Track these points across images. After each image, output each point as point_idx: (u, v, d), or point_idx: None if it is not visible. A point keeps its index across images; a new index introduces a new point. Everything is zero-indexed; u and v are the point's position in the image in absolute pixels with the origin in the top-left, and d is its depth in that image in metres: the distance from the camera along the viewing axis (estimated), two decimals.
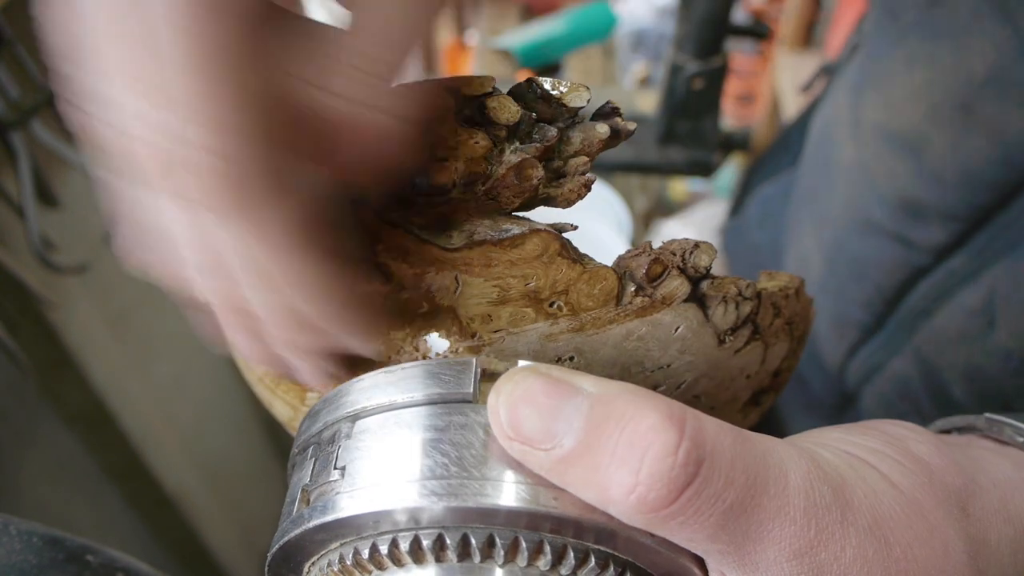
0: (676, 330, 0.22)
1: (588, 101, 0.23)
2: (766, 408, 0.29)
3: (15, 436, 0.66)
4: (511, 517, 0.19)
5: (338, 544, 0.21)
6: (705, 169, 0.86)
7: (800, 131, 0.71)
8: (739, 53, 1.90)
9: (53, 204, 0.70)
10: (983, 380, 0.43)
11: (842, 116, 0.54)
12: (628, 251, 0.23)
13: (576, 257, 0.22)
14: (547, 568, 0.20)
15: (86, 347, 0.72)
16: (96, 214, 0.75)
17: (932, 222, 0.45)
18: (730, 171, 1.83)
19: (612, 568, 0.20)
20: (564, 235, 0.23)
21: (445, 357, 0.23)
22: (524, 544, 0.19)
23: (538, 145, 0.22)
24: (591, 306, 0.22)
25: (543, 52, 1.35)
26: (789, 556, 0.18)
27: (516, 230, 0.22)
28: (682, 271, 0.22)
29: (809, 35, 1.57)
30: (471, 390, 0.20)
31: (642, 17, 2.00)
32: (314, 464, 0.22)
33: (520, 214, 0.23)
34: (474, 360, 0.21)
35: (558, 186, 0.23)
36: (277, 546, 0.21)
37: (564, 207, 0.23)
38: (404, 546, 0.20)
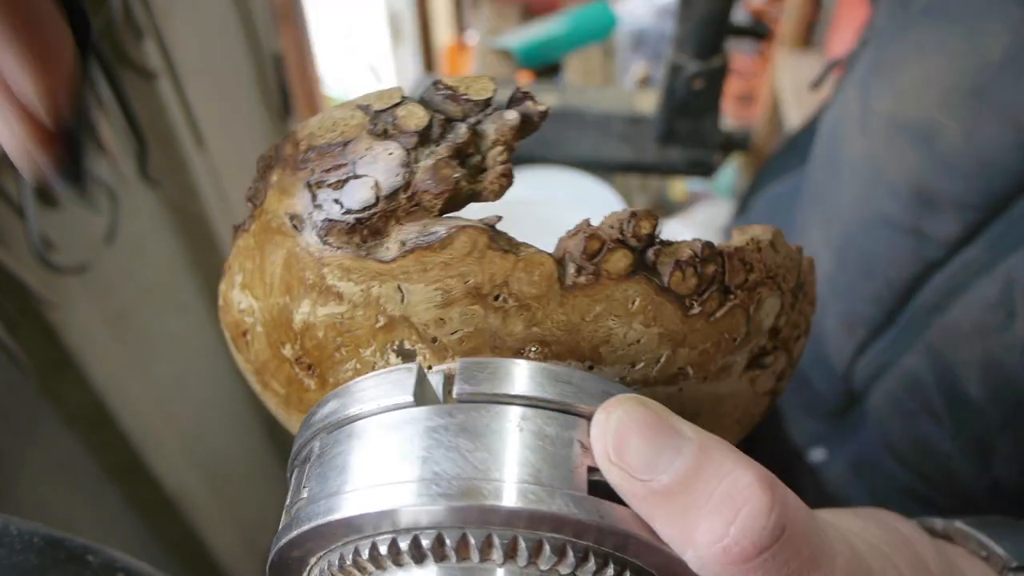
0: (632, 304, 0.22)
1: (494, 91, 0.24)
2: (778, 369, 0.27)
3: (15, 436, 0.66)
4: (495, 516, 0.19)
5: (319, 556, 0.22)
6: (705, 169, 0.86)
7: (809, 135, 0.70)
8: (739, 53, 1.91)
9: (53, 204, 0.70)
10: (1001, 375, 0.43)
11: (851, 110, 0.53)
12: (567, 232, 0.23)
13: (508, 247, 0.22)
14: (547, 568, 0.20)
15: (86, 347, 0.72)
16: (96, 214, 0.75)
17: (945, 212, 0.44)
18: (730, 171, 1.84)
19: (612, 567, 0.20)
20: (494, 227, 0.23)
21: (402, 365, 0.23)
22: (523, 544, 0.19)
23: (449, 144, 0.23)
24: (535, 293, 0.22)
25: (543, 52, 1.35)
26: None
27: (442, 231, 0.22)
28: (622, 243, 0.22)
29: (809, 35, 1.57)
30: (411, 396, 0.21)
31: (642, 17, 2.00)
32: (293, 483, 0.23)
33: (450, 215, 0.23)
34: (415, 364, 0.22)
35: (480, 180, 0.23)
36: (268, 566, 0.23)
37: (493, 199, 0.24)
38: (405, 546, 0.20)
